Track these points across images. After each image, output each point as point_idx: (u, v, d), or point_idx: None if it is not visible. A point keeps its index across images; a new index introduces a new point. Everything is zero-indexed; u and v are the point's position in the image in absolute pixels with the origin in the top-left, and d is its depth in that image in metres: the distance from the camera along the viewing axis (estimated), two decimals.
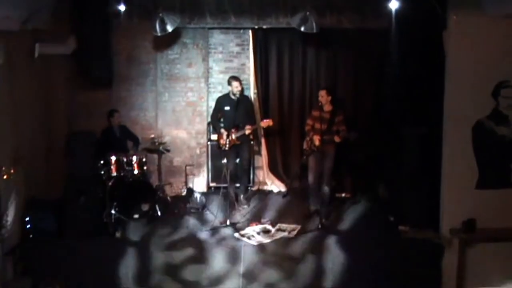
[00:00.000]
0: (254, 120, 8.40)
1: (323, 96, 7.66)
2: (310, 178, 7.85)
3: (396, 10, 7.08)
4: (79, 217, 7.07)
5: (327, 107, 7.71)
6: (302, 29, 7.68)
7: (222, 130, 8.03)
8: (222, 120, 8.17)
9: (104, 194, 7.45)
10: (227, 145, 7.84)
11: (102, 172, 7.62)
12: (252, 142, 8.65)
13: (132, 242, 7.03)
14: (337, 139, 7.44)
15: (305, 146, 7.87)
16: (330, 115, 7.64)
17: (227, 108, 8.08)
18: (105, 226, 7.25)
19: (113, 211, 7.34)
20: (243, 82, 8.58)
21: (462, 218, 6.77)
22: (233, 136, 7.96)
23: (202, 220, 7.75)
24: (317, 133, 7.64)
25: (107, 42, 8.07)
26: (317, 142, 7.58)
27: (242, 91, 8.23)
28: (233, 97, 8.06)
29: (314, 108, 7.94)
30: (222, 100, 8.26)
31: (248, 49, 9.40)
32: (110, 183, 7.51)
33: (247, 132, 8.00)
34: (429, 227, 7.09)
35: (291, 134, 9.34)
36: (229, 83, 8.15)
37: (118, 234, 7.13)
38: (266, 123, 8.10)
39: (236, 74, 8.84)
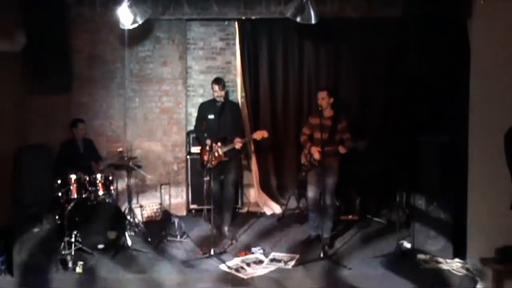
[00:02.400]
0: (242, 131, 8.28)
1: (323, 99, 7.50)
2: (310, 197, 7.71)
3: None
4: (30, 250, 6.93)
5: (328, 112, 7.57)
6: (298, 19, 7.57)
7: (208, 142, 7.79)
8: (206, 131, 8.04)
9: (62, 220, 7.30)
10: (212, 162, 7.62)
11: (60, 194, 7.46)
12: (240, 156, 8.56)
13: (96, 279, 6.81)
14: (342, 149, 7.31)
15: (303, 160, 7.73)
16: (332, 122, 7.51)
17: (211, 116, 7.92)
18: (63, 259, 6.99)
19: (72, 241, 7.14)
20: (227, 84, 8.56)
21: (495, 244, 6.56)
22: (220, 151, 7.75)
23: (181, 250, 7.60)
24: (316, 144, 7.50)
25: (64, 38, 8.05)
26: (316, 155, 7.45)
27: (226, 95, 8.09)
28: (217, 103, 7.89)
29: (312, 114, 7.80)
30: (206, 107, 8.09)
31: (234, 44, 9.45)
32: (69, 207, 7.34)
33: (237, 146, 7.80)
34: (455, 256, 6.98)
35: (287, 146, 9.34)
36: (211, 87, 8.02)
37: (78, 269, 6.87)
38: (259, 134, 7.87)
39: (219, 75, 8.81)
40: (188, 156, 9.17)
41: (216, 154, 7.72)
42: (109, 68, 9.03)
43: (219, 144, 7.75)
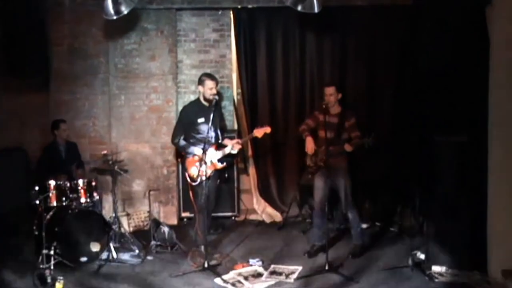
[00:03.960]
0: (223, 133, 7.98)
1: (331, 95, 7.45)
2: (316, 201, 7.66)
3: None
4: (5, 264, 6.90)
5: (335, 109, 7.54)
6: (299, 8, 7.53)
7: (195, 153, 7.52)
8: (193, 138, 7.67)
9: (40, 231, 7.16)
10: (205, 175, 7.37)
11: (38, 202, 7.33)
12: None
13: None
14: (348, 147, 7.27)
15: (308, 161, 7.66)
16: (339, 119, 7.47)
17: (200, 120, 7.53)
18: (41, 274, 6.87)
19: (52, 254, 7.05)
20: (222, 80, 8.60)
21: None
22: (214, 159, 7.62)
23: (172, 262, 7.55)
24: (321, 144, 7.47)
25: (41, 29, 8.05)
26: (309, 149, 7.48)
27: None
28: (205, 103, 7.64)
29: (319, 110, 7.69)
30: (193, 110, 7.66)
31: (228, 36, 9.47)
32: (48, 216, 7.33)
33: (236, 148, 7.65)
34: (473, 268, 6.89)
35: (287, 147, 9.36)
36: (201, 83, 7.56)
37: (58, 285, 6.77)
38: (261, 131, 7.74)
39: (213, 69, 8.89)
40: (179, 159, 9.12)
41: (208, 163, 7.47)
42: (92, 63, 9.02)
43: (211, 151, 7.55)
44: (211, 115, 7.34)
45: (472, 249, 6.95)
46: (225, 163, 7.74)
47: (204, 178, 7.29)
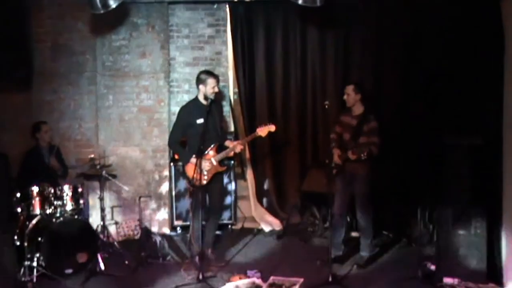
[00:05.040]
0: (224, 134, 8.06)
1: (348, 95, 7.57)
2: (334, 207, 7.66)
3: None
4: None
5: (357, 110, 7.62)
6: (300, 1, 7.52)
7: (193, 160, 7.38)
8: (192, 140, 7.58)
9: (22, 241, 7.24)
10: (205, 178, 7.40)
11: (20, 210, 7.44)
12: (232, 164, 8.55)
13: None
14: (350, 155, 7.29)
15: (336, 157, 7.59)
16: (358, 122, 7.54)
17: (199, 121, 7.44)
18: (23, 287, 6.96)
19: (34, 265, 7.05)
20: (219, 78, 8.41)
21: None
22: (214, 161, 7.58)
23: (164, 274, 7.52)
24: (345, 148, 7.52)
25: (23, 24, 8.03)
26: (336, 158, 7.47)
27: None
28: (204, 102, 7.58)
29: (343, 112, 7.80)
30: (191, 110, 7.61)
31: (225, 31, 9.48)
32: (30, 225, 7.33)
33: (237, 150, 7.62)
34: (488, 279, 6.88)
35: (288, 150, 9.38)
36: (202, 82, 7.51)
37: None
38: (265, 129, 7.62)
39: (208, 68, 8.81)
40: (172, 164, 9.14)
41: (209, 165, 7.45)
42: (77, 61, 9.00)
43: (211, 153, 7.52)
44: (211, 115, 7.42)
45: (487, 259, 6.91)
46: (225, 166, 7.76)
47: (204, 182, 7.31)
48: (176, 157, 8.88)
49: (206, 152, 7.42)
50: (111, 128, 9.16)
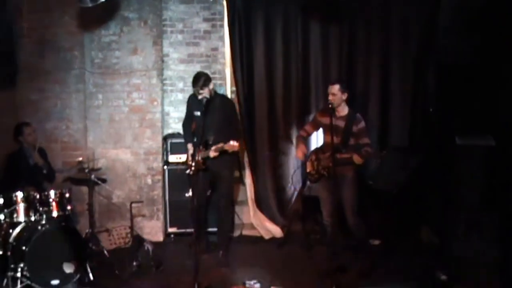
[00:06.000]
0: (236, 133, 8.10)
1: (334, 94, 7.56)
2: (324, 216, 7.79)
3: None
4: None
5: (342, 111, 7.63)
6: None
7: (189, 146, 8.08)
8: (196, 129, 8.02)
9: (5, 250, 7.21)
10: (192, 169, 7.55)
11: (2, 217, 7.38)
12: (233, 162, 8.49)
13: None
14: (357, 159, 7.35)
15: (309, 168, 7.70)
16: (346, 123, 7.56)
17: (197, 113, 7.98)
18: None
19: (18, 276, 7.00)
20: (214, 76, 8.73)
21: None
22: (199, 157, 7.69)
23: (157, 285, 7.55)
24: (326, 150, 7.57)
25: (7, 18, 8.03)
26: (299, 155, 7.64)
27: (212, 91, 7.97)
28: (200, 96, 7.86)
29: (322, 111, 7.84)
30: (192, 101, 8.17)
31: (221, 26, 9.53)
32: (14, 233, 7.29)
33: (211, 154, 7.74)
34: None
35: (289, 154, 9.37)
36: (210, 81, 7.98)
37: None
38: (231, 146, 7.73)
39: (204, 65, 9.05)
40: (165, 167, 9.15)
41: (197, 159, 7.64)
42: (65, 57, 8.96)
43: (201, 147, 7.71)
44: (210, 111, 7.63)
45: (501, 269, 6.93)
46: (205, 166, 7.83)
47: (191, 172, 7.43)
48: (171, 159, 8.98)
49: (201, 145, 7.64)
50: (101, 129, 9.14)
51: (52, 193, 7.52)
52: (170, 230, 9.16)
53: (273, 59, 9.28)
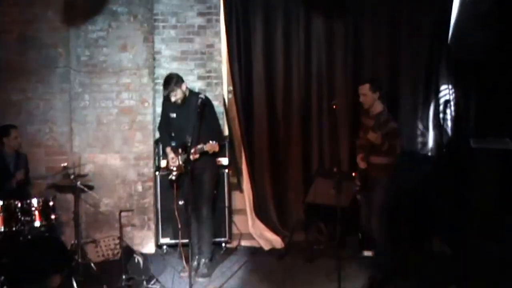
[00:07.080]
0: (215, 133, 8.13)
1: (365, 95, 7.60)
2: (362, 218, 7.86)
3: None
4: None
5: (374, 109, 7.64)
6: None
7: (168, 150, 8.18)
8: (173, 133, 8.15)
9: None
10: (174, 175, 7.90)
11: None
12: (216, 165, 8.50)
13: None
14: (372, 136, 7.30)
15: (359, 161, 7.79)
16: (376, 121, 7.57)
17: (172, 115, 8.12)
18: None
19: None
20: (209, 75, 8.88)
21: None
22: (179, 161, 7.89)
23: None
24: (360, 151, 7.64)
25: None
26: (361, 165, 7.56)
27: (184, 91, 8.02)
28: (173, 98, 7.99)
29: (362, 113, 7.88)
30: (167, 102, 8.21)
31: (217, 21, 9.51)
32: None
33: (191, 157, 7.76)
34: None
35: (289, 158, 9.41)
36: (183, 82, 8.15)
37: None
38: (210, 147, 7.82)
39: (198, 62, 9.10)
40: (157, 173, 9.13)
41: (176, 163, 7.91)
42: (48, 55, 8.95)
43: (179, 150, 7.89)
44: (184, 112, 7.81)
45: None
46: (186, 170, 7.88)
47: (173, 177, 7.97)
48: (163, 165, 8.89)
49: (178, 149, 7.94)
50: (87, 132, 9.12)
51: (34, 201, 7.51)
52: (162, 241, 9.13)
53: (273, 56, 9.30)
